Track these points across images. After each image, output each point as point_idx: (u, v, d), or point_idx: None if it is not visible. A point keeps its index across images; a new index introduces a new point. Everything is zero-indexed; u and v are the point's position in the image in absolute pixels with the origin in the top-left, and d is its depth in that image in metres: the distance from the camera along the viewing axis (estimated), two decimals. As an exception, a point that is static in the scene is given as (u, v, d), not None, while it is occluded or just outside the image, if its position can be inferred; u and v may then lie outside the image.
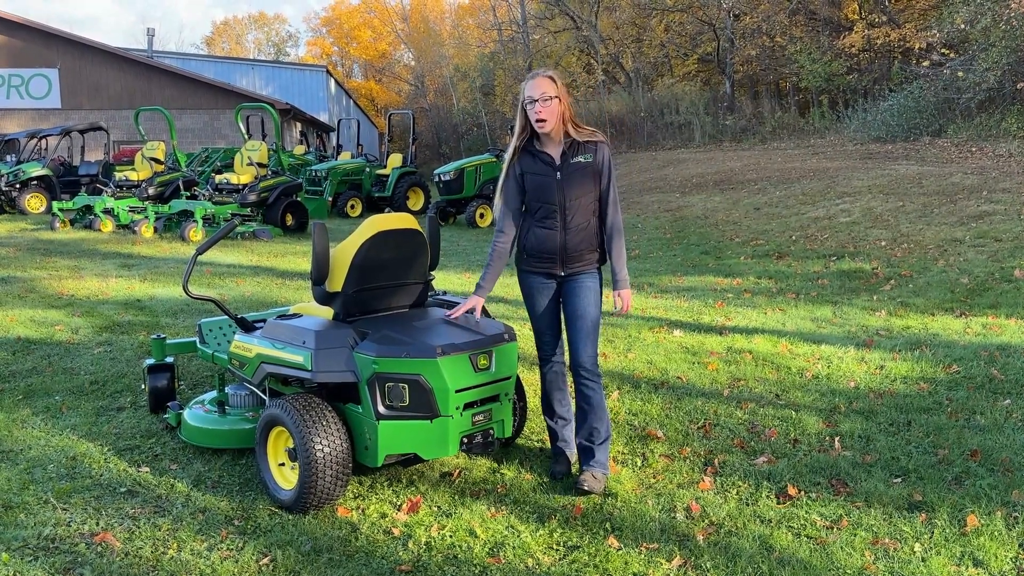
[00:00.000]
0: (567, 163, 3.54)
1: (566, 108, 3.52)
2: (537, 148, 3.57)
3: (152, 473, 3.82)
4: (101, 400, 4.89)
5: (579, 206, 3.54)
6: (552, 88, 3.47)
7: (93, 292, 8.21)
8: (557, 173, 3.53)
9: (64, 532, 3.25)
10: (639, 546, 3.11)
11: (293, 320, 3.68)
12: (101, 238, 12.76)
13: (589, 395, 3.59)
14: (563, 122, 3.52)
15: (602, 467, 3.59)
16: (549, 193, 3.53)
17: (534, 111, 3.47)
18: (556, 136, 3.54)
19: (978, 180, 12.52)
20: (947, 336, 6.12)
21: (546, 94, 3.45)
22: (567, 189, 3.52)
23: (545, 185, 3.53)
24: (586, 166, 3.54)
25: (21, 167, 17.45)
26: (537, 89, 3.47)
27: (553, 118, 3.47)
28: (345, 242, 3.61)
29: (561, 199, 3.52)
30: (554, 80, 3.49)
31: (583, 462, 3.61)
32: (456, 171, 15.65)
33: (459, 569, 2.98)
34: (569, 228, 3.55)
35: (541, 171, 3.54)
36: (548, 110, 3.46)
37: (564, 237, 3.55)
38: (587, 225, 3.58)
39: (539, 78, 3.50)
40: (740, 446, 4.11)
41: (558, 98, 3.47)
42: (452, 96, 46.00)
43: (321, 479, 3.26)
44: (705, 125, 26.73)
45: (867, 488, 3.58)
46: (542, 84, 3.48)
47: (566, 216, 3.53)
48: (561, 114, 3.50)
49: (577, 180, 3.52)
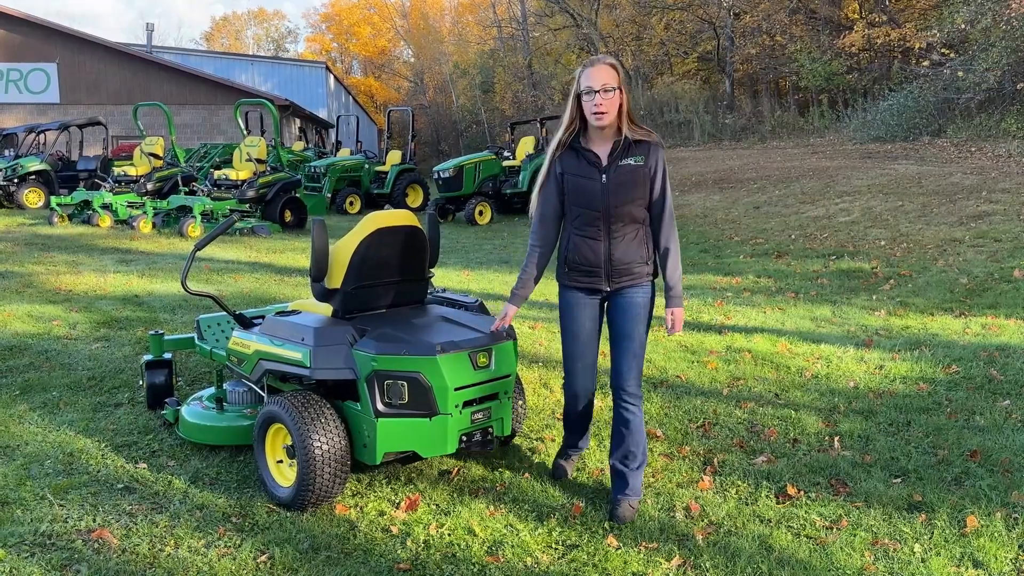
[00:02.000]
0: (615, 165, 3.18)
1: (626, 101, 3.17)
2: (582, 145, 3.22)
3: (149, 470, 3.80)
4: (99, 396, 4.87)
5: (626, 214, 3.19)
6: (615, 78, 3.12)
7: (91, 288, 8.19)
8: (603, 175, 3.17)
9: (61, 528, 3.23)
10: (638, 545, 3.10)
11: (292, 317, 3.66)
12: (99, 233, 12.73)
13: (629, 419, 3.32)
14: (619, 117, 3.18)
15: (636, 494, 3.34)
16: (591, 198, 3.19)
17: (593, 103, 3.11)
18: (609, 132, 3.20)
19: (978, 180, 12.52)
20: (946, 336, 6.12)
21: (608, 84, 3.10)
22: (613, 194, 3.16)
23: (587, 189, 3.19)
24: (636, 169, 3.18)
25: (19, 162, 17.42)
26: (598, 78, 3.10)
27: (614, 111, 3.13)
28: (344, 239, 3.60)
29: (605, 205, 3.17)
30: (616, 69, 3.14)
31: (617, 489, 3.35)
32: (455, 168, 15.63)
33: (457, 568, 2.97)
34: (614, 237, 3.21)
35: (584, 172, 3.20)
36: (609, 102, 3.11)
37: (609, 247, 3.22)
38: (635, 235, 3.24)
39: (601, 66, 3.14)
40: (739, 446, 4.10)
41: (620, 89, 3.13)
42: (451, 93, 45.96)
43: (319, 477, 3.25)
44: (705, 124, 26.70)
45: (867, 488, 3.57)
46: (604, 73, 3.12)
47: (611, 224, 3.19)
48: (623, 105, 3.16)
49: (626, 184, 3.17)
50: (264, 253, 10.91)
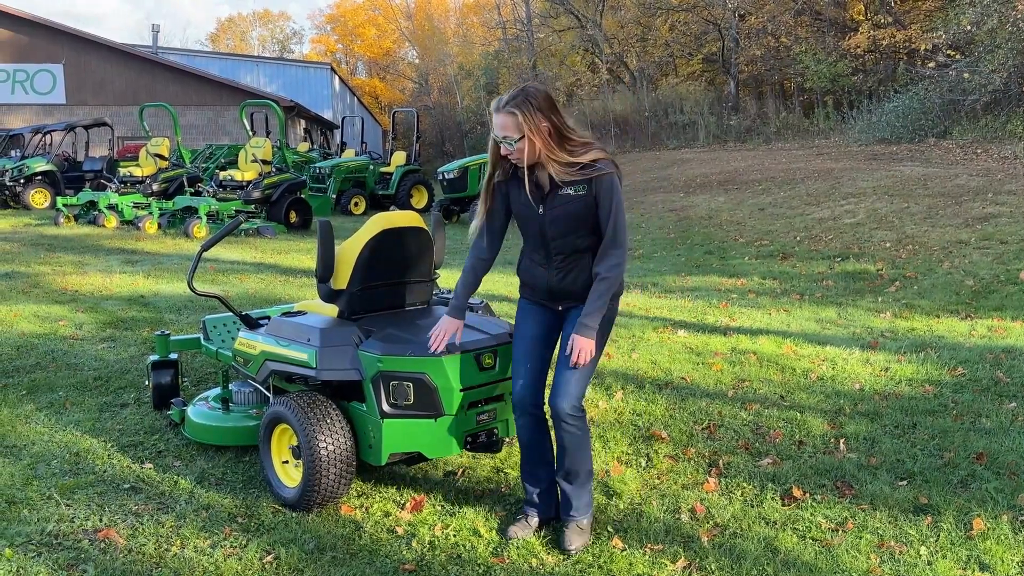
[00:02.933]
0: (555, 195, 2.95)
1: (547, 136, 2.87)
2: (521, 175, 3.00)
3: (156, 470, 3.81)
4: (105, 396, 4.89)
5: (567, 244, 2.99)
6: (514, 127, 2.86)
7: (97, 288, 8.21)
8: (539, 207, 2.98)
9: (67, 528, 3.24)
10: (643, 547, 3.10)
11: (297, 318, 3.67)
12: (105, 234, 12.77)
13: (565, 440, 3.05)
14: (551, 151, 2.88)
15: (583, 512, 3.13)
16: (531, 228, 3.04)
17: (503, 151, 2.95)
18: (540, 167, 2.95)
19: (983, 182, 12.48)
20: (952, 338, 6.10)
21: (510, 137, 2.88)
22: (550, 227, 2.97)
23: (528, 218, 3.03)
24: (575, 199, 2.92)
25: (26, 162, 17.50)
26: (498, 128, 2.92)
27: (525, 155, 2.90)
28: (350, 240, 3.60)
29: (544, 237, 3.01)
30: (517, 114, 2.85)
31: (562, 510, 3.14)
32: (460, 169, 15.64)
33: (463, 569, 2.97)
34: (558, 267, 3.04)
35: (524, 202, 3.01)
36: (519, 152, 2.90)
37: (551, 275, 3.06)
38: (579, 263, 3.02)
39: (499, 115, 2.90)
40: (745, 447, 4.10)
41: (525, 137, 2.86)
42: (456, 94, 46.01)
43: (325, 477, 3.25)
44: (709, 125, 26.69)
45: (872, 490, 3.56)
46: (503, 123, 2.89)
47: (551, 255, 3.03)
48: (539, 148, 2.88)
49: (563, 217, 2.94)
50: (269, 254, 10.94)
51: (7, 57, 26.79)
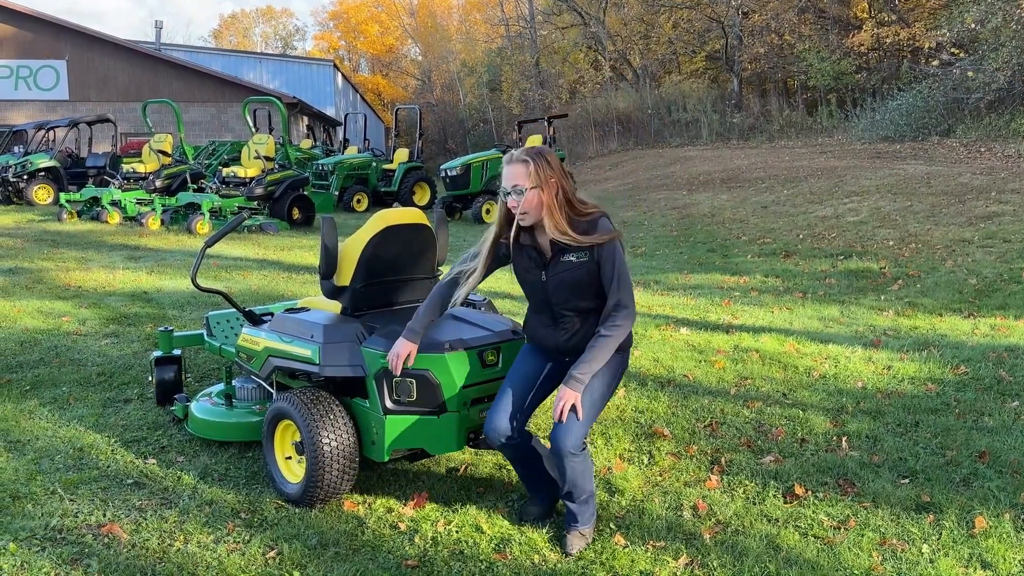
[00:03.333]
0: (556, 261, 2.98)
1: (554, 194, 2.91)
2: (525, 241, 3.03)
3: (159, 465, 3.82)
4: (108, 392, 4.90)
5: (572, 308, 3.02)
6: (527, 176, 2.89)
7: (100, 284, 8.23)
8: (543, 273, 3.01)
9: (71, 523, 3.25)
10: (645, 544, 3.10)
11: (301, 314, 3.68)
12: (108, 230, 12.79)
13: (567, 471, 3.00)
14: (553, 210, 2.91)
15: (587, 523, 3.13)
16: (535, 292, 3.08)
17: (509, 203, 2.95)
18: (544, 227, 2.96)
19: (987, 180, 12.47)
20: (955, 337, 6.10)
21: (519, 185, 2.90)
22: (554, 292, 3.00)
23: (531, 282, 3.07)
24: (578, 266, 2.95)
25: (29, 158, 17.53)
26: (509, 178, 2.93)
27: (533, 210, 2.92)
28: (353, 236, 3.61)
29: (548, 301, 3.04)
30: (530, 164, 2.90)
31: (567, 521, 3.13)
32: (463, 167, 15.65)
33: (465, 565, 2.98)
34: (563, 328, 3.07)
35: (527, 267, 3.05)
36: (525, 203, 2.91)
37: (557, 337, 3.09)
38: (587, 322, 3.04)
39: (512, 164, 2.94)
40: (747, 445, 4.10)
41: (538, 187, 2.90)
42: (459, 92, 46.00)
43: (328, 473, 3.26)
44: (712, 123, 26.67)
45: (875, 488, 3.56)
46: (514, 171, 2.92)
47: (557, 317, 3.07)
48: (545, 204, 2.91)
49: (566, 283, 2.97)
50: (272, 250, 10.95)
51: (11, 53, 26.82)
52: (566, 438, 2.93)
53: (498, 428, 3.07)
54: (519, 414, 3.10)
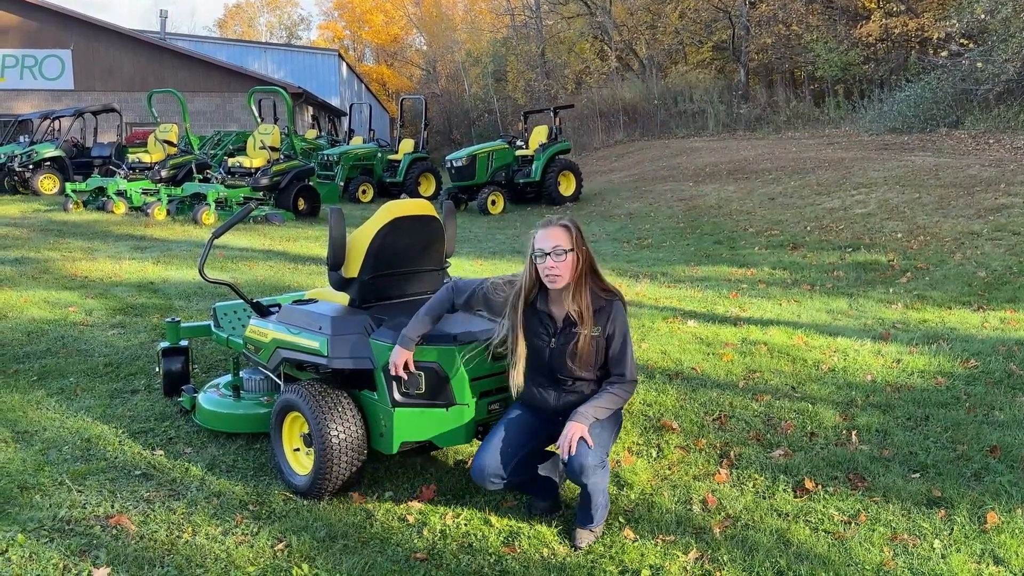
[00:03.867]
0: (568, 331, 3.04)
1: (584, 261, 3.01)
2: (539, 306, 3.08)
3: (166, 456, 3.82)
4: (115, 383, 4.90)
5: (574, 376, 3.08)
6: (568, 239, 2.97)
7: (106, 274, 8.22)
8: (552, 339, 3.06)
9: (79, 514, 3.25)
10: (655, 538, 3.09)
11: (309, 306, 3.66)
12: (114, 220, 12.79)
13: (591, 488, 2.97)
14: (581, 279, 3.01)
15: (599, 522, 3.11)
16: (539, 356, 3.09)
17: (545, 266, 2.97)
18: (568, 294, 3.02)
19: (996, 172, 12.38)
20: (964, 330, 6.06)
21: (560, 247, 2.95)
22: (557, 358, 3.05)
23: (537, 348, 3.09)
24: (579, 337, 3.02)
25: (34, 148, 17.52)
26: (549, 240, 2.96)
27: (567, 274, 2.98)
28: (361, 228, 3.59)
29: (550, 367, 3.08)
30: (570, 230, 2.99)
31: (579, 521, 3.11)
32: (468, 157, 15.59)
33: (474, 558, 2.97)
34: (564, 392, 3.12)
35: (536, 331, 3.08)
36: (562, 265, 2.96)
37: (557, 397, 3.13)
38: (586, 387, 3.11)
39: (553, 228, 2.98)
40: (756, 439, 4.08)
41: (574, 251, 2.98)
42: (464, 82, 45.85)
43: (336, 465, 3.25)
44: (719, 114, 26.53)
45: (885, 483, 3.54)
46: (556, 235, 2.96)
47: (558, 384, 3.11)
48: (578, 269, 3.00)
49: (574, 354, 3.03)
50: (278, 241, 10.94)
51: (15, 43, 26.79)
52: (584, 459, 2.89)
53: (486, 468, 3.03)
54: (506, 454, 3.05)
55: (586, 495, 2.99)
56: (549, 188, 15.88)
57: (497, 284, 3.21)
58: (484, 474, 3.04)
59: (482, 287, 3.23)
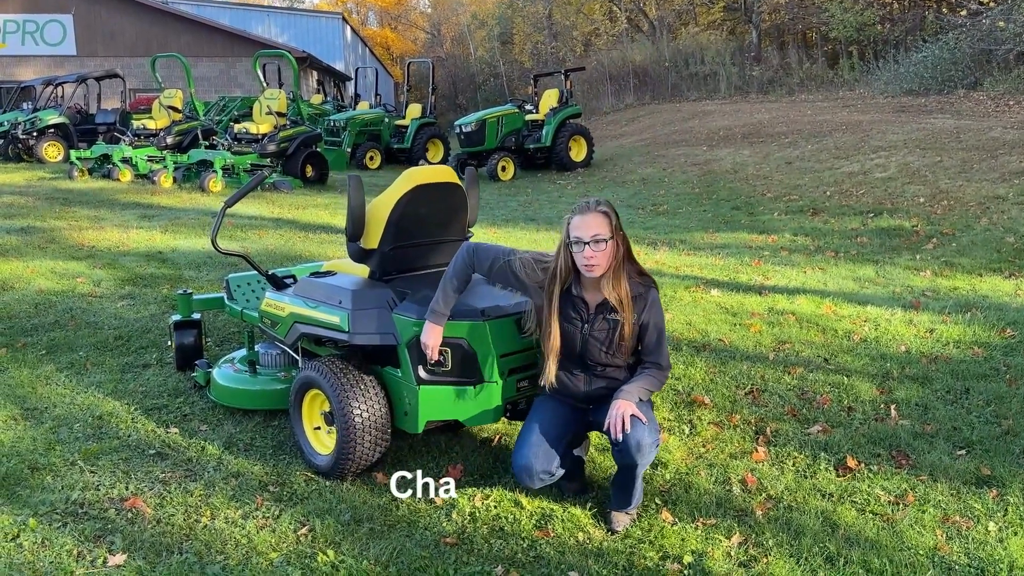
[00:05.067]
0: (602, 316, 2.89)
1: (623, 247, 2.86)
2: (574, 291, 2.91)
3: (181, 434, 3.69)
4: (126, 356, 4.76)
5: (604, 363, 2.94)
6: (607, 226, 2.79)
7: (114, 243, 8.07)
8: (584, 325, 2.90)
9: (93, 497, 3.12)
10: (695, 521, 2.95)
11: (327, 278, 3.49)
12: (120, 188, 12.60)
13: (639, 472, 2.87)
14: (618, 265, 2.85)
15: (636, 504, 2.98)
16: (570, 341, 2.92)
17: (583, 255, 2.79)
18: (607, 281, 2.85)
19: (1019, 135, 12.07)
20: (997, 298, 5.88)
21: (599, 235, 2.78)
22: (589, 345, 2.90)
23: (568, 333, 2.91)
24: (622, 325, 2.87)
25: (37, 115, 17.26)
26: (588, 229, 2.78)
27: (606, 262, 2.81)
28: (381, 196, 3.41)
29: (581, 353, 2.93)
30: (609, 216, 2.82)
31: (617, 504, 2.97)
32: (478, 122, 15.30)
33: (506, 543, 2.83)
34: (595, 377, 2.98)
35: (568, 318, 2.91)
36: (601, 254, 2.79)
37: (588, 387, 2.99)
38: (618, 373, 2.97)
39: (592, 214, 2.80)
40: (792, 414, 3.92)
41: (613, 238, 2.82)
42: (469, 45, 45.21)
43: (360, 445, 3.11)
44: (731, 76, 26.05)
45: (931, 461, 3.39)
46: (595, 222, 2.78)
47: (589, 369, 2.97)
48: (616, 256, 2.85)
49: (606, 342, 2.90)
50: (287, 209, 10.74)
51: (17, 7, 26.38)
52: (641, 436, 2.74)
53: (535, 466, 2.86)
54: (558, 450, 2.92)
55: (628, 477, 2.85)
56: (560, 153, 15.61)
57: (527, 261, 3.00)
58: (533, 472, 2.87)
59: (508, 259, 3.01)
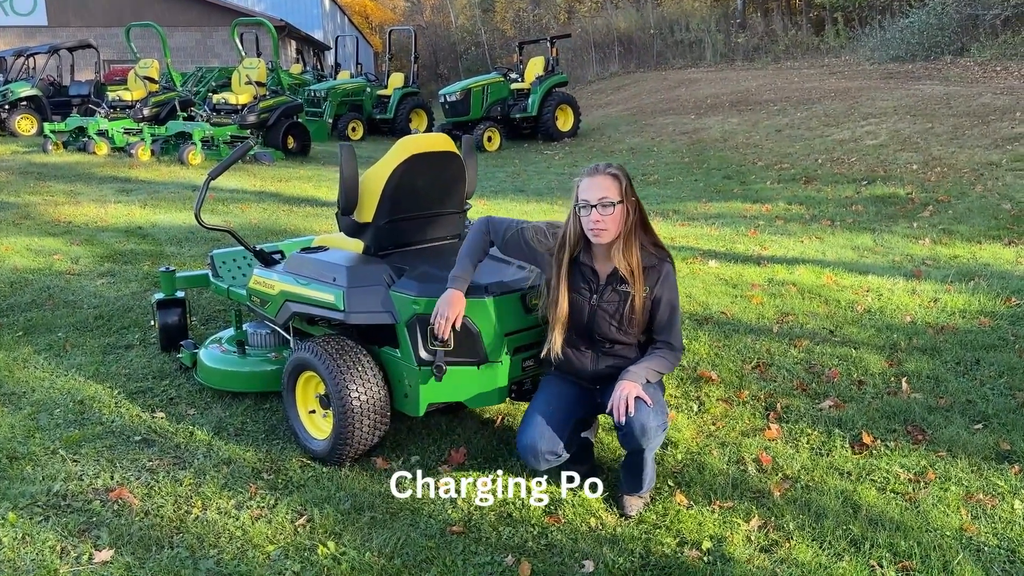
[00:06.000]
0: (611, 287, 2.71)
1: (635, 214, 2.67)
2: (583, 259, 2.74)
3: (168, 419, 3.51)
4: (107, 337, 4.56)
5: (613, 339, 2.76)
6: (616, 190, 2.63)
7: (92, 219, 7.81)
8: (593, 296, 2.73)
9: (76, 488, 2.95)
10: (711, 504, 2.83)
11: (319, 254, 3.31)
12: (96, 161, 12.25)
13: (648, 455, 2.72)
14: (630, 233, 2.67)
15: (649, 487, 2.82)
16: (578, 314, 2.75)
17: (590, 219, 2.63)
18: (615, 248, 2.68)
19: (1009, 101, 11.99)
20: (999, 266, 5.79)
21: (607, 198, 2.62)
22: (598, 318, 2.73)
23: (576, 305, 2.74)
24: (632, 297, 2.69)
25: (9, 87, 16.77)
26: (595, 191, 2.62)
27: (615, 227, 2.64)
28: (376, 167, 3.22)
29: (589, 327, 2.75)
30: (619, 178, 2.65)
31: (627, 487, 2.82)
32: (463, 92, 15.03)
33: (515, 530, 2.70)
34: (603, 353, 2.80)
35: (577, 288, 2.74)
36: (609, 218, 2.62)
37: (596, 366, 2.81)
38: (627, 351, 2.79)
39: (599, 176, 2.64)
40: (801, 388, 3.81)
41: (623, 202, 2.65)
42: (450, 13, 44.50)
43: (358, 429, 2.95)
44: (716, 43, 25.78)
45: (948, 436, 3.29)
46: (603, 184, 2.62)
47: (596, 346, 2.79)
48: (627, 222, 2.66)
49: (616, 314, 2.72)
50: (270, 181, 10.48)
51: (-17, -24, 25.62)
52: (646, 419, 2.58)
53: (540, 446, 2.70)
54: (564, 429, 2.75)
55: (638, 460, 2.71)
56: (546, 123, 15.38)
57: (539, 228, 2.86)
58: (538, 452, 2.72)
59: (521, 227, 2.88)
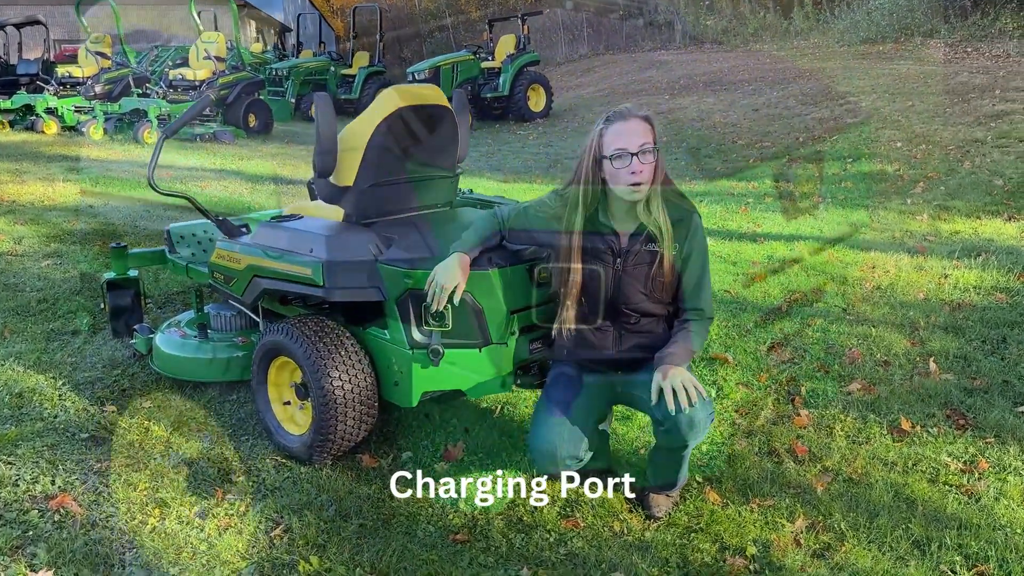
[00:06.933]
0: (635, 250, 2.35)
1: (662, 161, 2.33)
2: (600, 217, 2.39)
3: (120, 414, 3.08)
4: (52, 322, 4.09)
5: (639, 309, 2.39)
6: (652, 134, 2.28)
7: (38, 197, 7.25)
8: (616, 260, 2.37)
9: (10, 495, 2.52)
10: (749, 503, 2.49)
11: (293, 222, 2.89)
12: (45, 140, 11.57)
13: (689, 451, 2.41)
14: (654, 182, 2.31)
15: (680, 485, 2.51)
16: (596, 283, 2.38)
17: (628, 170, 2.25)
18: (644, 204, 2.33)
19: (987, 79, 11.86)
20: (1003, 241, 5.55)
21: (648, 144, 2.26)
22: (623, 286, 2.36)
23: (594, 274, 2.38)
24: (662, 256, 2.33)
25: (-49, 64, 15.90)
26: (633, 136, 2.25)
27: (650, 178, 2.28)
28: (356, 122, 2.81)
29: (614, 297, 2.38)
30: (652, 121, 2.31)
31: (655, 486, 2.51)
32: (431, 69, 14.58)
33: (529, 536, 2.34)
34: (627, 335, 2.41)
35: (594, 253, 2.38)
36: (649, 167, 2.26)
37: (618, 346, 2.42)
38: (655, 327, 2.42)
39: (632, 120, 2.28)
40: (823, 370, 3.49)
41: (658, 148, 2.30)
42: (414, -5, 43.69)
43: (341, 423, 2.56)
44: (685, 26, 25.54)
45: (993, 420, 2.99)
46: (639, 129, 2.26)
47: (621, 318, 2.41)
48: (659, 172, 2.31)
49: (643, 277, 2.36)
50: (230, 160, 9.93)
51: (-78, -51, 24.39)
52: (696, 412, 2.19)
53: (559, 450, 2.30)
54: (584, 428, 2.35)
55: (677, 457, 2.36)
56: (518, 102, 14.96)
57: (540, 200, 2.50)
58: (557, 458, 2.31)
59: (525, 207, 2.52)
